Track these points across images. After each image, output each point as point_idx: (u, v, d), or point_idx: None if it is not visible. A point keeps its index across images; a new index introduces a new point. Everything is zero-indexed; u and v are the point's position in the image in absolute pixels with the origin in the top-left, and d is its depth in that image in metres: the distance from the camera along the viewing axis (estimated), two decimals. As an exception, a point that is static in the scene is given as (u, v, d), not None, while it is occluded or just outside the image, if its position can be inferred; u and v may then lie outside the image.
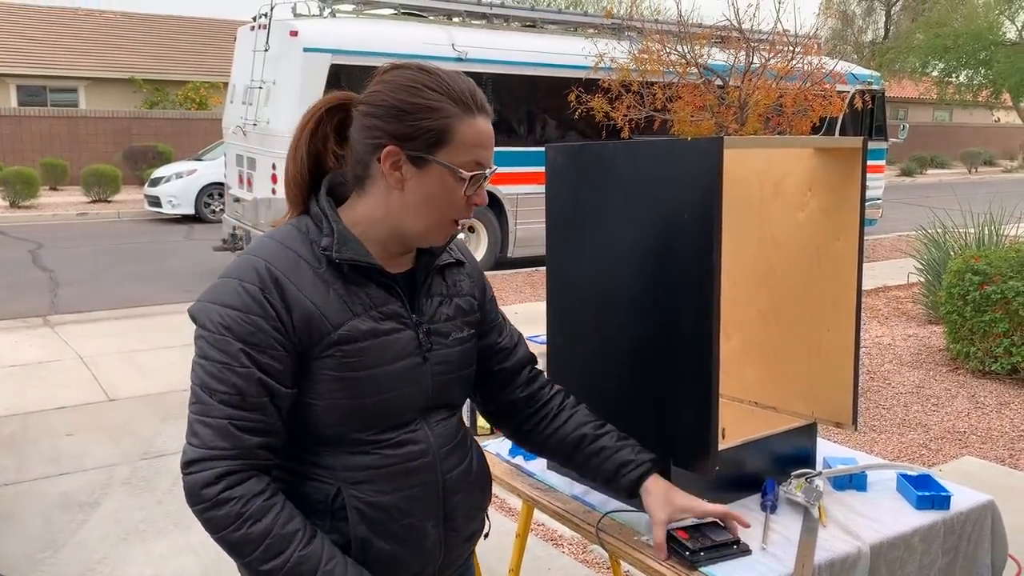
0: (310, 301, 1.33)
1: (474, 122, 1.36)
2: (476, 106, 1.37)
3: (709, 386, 1.78)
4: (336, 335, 1.34)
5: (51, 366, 6.39)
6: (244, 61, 9.88)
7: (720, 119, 8.03)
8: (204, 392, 1.30)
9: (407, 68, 1.38)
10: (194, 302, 1.36)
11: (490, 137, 1.40)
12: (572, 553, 3.60)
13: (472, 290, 1.58)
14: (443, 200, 1.37)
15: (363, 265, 1.37)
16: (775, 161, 2.22)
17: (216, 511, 1.29)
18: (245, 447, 1.30)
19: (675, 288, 1.82)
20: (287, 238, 1.38)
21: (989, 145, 35.98)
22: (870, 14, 36.79)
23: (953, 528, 1.95)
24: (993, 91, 28.19)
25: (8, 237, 13.58)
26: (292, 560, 1.29)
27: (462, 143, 1.35)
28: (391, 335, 1.39)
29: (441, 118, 1.34)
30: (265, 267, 1.33)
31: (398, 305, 1.41)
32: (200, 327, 1.33)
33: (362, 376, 1.35)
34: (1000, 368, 5.85)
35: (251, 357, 1.30)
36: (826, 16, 20.97)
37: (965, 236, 7.76)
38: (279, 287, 1.32)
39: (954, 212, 8.59)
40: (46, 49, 24.11)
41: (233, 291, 1.32)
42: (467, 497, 1.51)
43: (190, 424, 1.32)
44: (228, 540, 1.30)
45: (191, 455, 1.31)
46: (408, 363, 1.40)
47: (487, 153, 1.39)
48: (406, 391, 1.40)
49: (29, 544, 3.69)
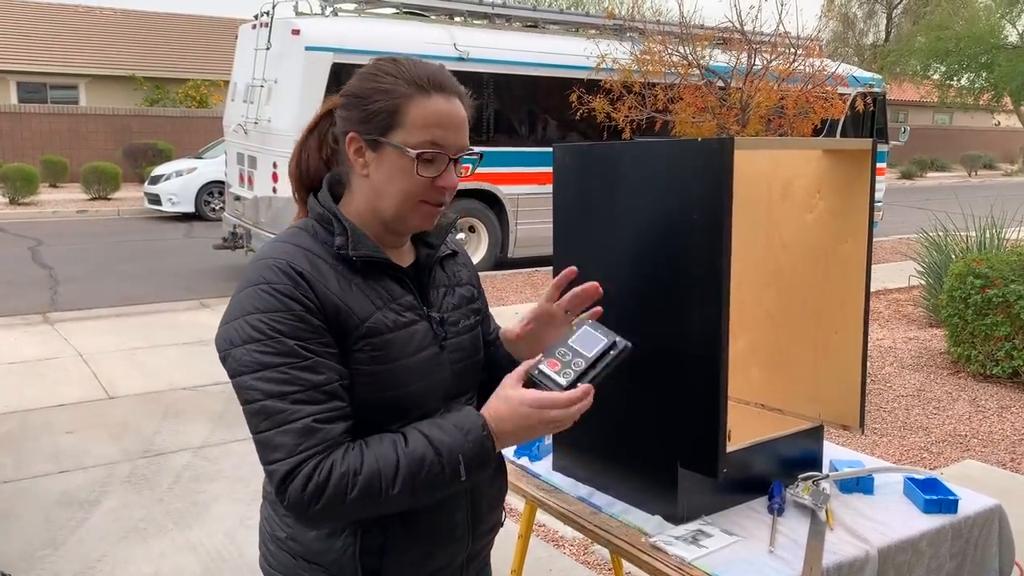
0: (336, 296, 1.33)
1: (428, 102, 1.34)
2: (433, 86, 1.35)
3: (717, 388, 1.77)
4: (364, 328, 1.34)
5: (51, 363, 6.37)
6: (246, 59, 9.87)
7: (722, 120, 8.02)
8: (274, 401, 1.25)
9: (379, 60, 1.40)
10: (218, 332, 1.32)
11: (449, 116, 1.36)
12: (573, 554, 3.59)
13: (471, 279, 1.60)
14: (404, 182, 1.36)
15: (377, 260, 1.38)
16: (783, 163, 2.21)
17: (328, 498, 1.23)
18: (332, 438, 1.26)
19: (684, 289, 1.81)
20: (297, 239, 1.38)
21: (989, 149, 36.01)
22: (871, 17, 36.80)
23: (961, 532, 1.95)
24: (994, 95, 28.19)
25: (8, 234, 13.56)
26: (404, 465, 1.25)
27: (414, 123, 1.34)
28: (411, 327, 1.39)
29: (392, 99, 1.34)
30: (287, 265, 1.32)
31: (412, 298, 1.42)
32: (242, 345, 1.27)
33: (390, 369, 1.36)
34: (1001, 372, 5.84)
35: (308, 348, 1.28)
36: (828, 18, 20.99)
37: (966, 239, 7.76)
38: (307, 281, 1.31)
39: (955, 215, 8.59)
40: (47, 46, 24.09)
41: (265, 297, 1.29)
42: (488, 485, 1.52)
43: (266, 444, 1.25)
44: (357, 503, 1.24)
45: (283, 470, 1.23)
46: (428, 353, 1.41)
47: (445, 132, 1.35)
48: (429, 381, 1.41)
49: (28, 542, 3.67)
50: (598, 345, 1.32)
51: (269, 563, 1.47)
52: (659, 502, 1.94)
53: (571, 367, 1.30)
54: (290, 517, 1.39)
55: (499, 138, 10.16)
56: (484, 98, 9.97)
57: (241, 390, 1.28)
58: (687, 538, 1.82)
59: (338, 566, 1.38)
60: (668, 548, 1.78)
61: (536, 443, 2.32)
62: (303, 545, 1.40)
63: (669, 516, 1.91)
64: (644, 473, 1.97)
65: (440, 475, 1.27)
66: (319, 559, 1.39)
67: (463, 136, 1.38)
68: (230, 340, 1.29)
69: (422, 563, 1.43)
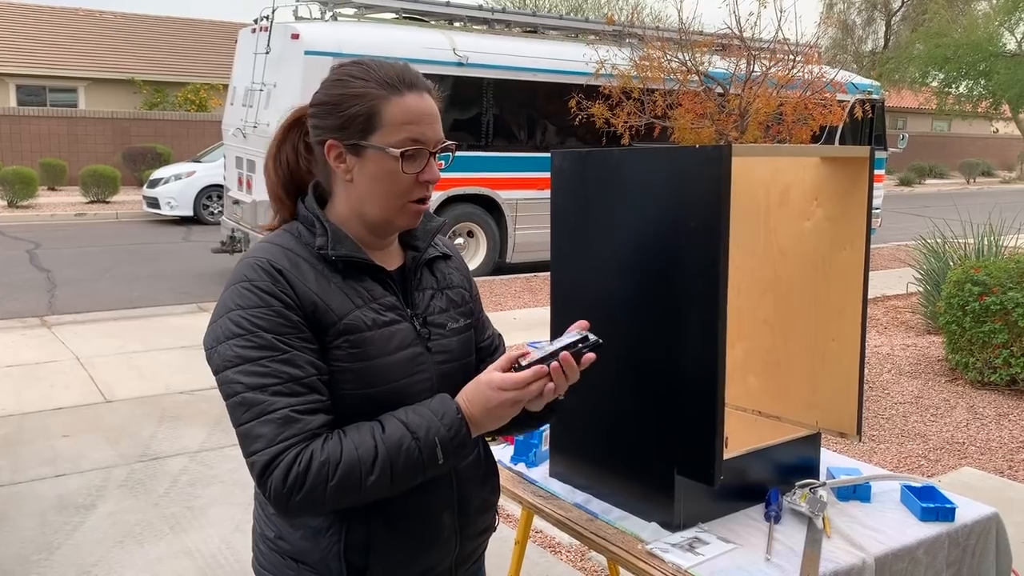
0: (315, 293, 1.36)
1: (401, 100, 1.37)
2: (404, 85, 1.38)
3: (714, 395, 1.77)
4: (342, 324, 1.36)
5: (48, 367, 6.36)
6: (245, 63, 9.88)
7: (720, 127, 8.04)
8: (254, 393, 1.28)
9: (342, 65, 1.43)
10: (205, 332, 1.36)
11: (424, 112, 1.39)
12: (570, 560, 3.58)
13: (462, 282, 1.60)
14: (390, 183, 1.38)
15: (358, 261, 1.41)
16: (781, 170, 2.21)
17: (309, 487, 1.25)
18: (311, 429, 1.28)
19: (681, 296, 1.81)
20: (281, 240, 1.43)
21: (987, 156, 36.08)
22: (870, 24, 36.87)
23: (958, 541, 1.94)
24: (992, 102, 28.24)
25: (6, 237, 13.54)
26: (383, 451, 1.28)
27: (391, 123, 1.36)
28: (392, 326, 1.41)
29: (367, 103, 1.37)
30: (267, 263, 1.36)
31: (394, 298, 1.44)
32: (225, 341, 1.32)
33: (369, 366, 1.38)
34: (999, 379, 5.84)
35: (287, 343, 1.31)
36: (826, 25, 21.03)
37: (964, 246, 7.76)
38: (285, 278, 1.35)
39: (953, 222, 8.60)
40: (46, 49, 24.10)
41: (245, 294, 1.34)
42: (478, 488, 1.53)
43: (247, 435, 1.28)
44: (337, 491, 1.26)
45: (263, 460, 1.26)
46: (410, 353, 1.42)
47: (422, 128, 1.38)
48: (411, 381, 1.42)
49: (24, 546, 3.66)
50: (569, 339, 1.37)
51: (260, 563, 1.49)
52: (656, 509, 1.93)
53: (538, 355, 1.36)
54: (277, 516, 1.43)
55: (498, 143, 10.16)
56: (483, 103, 9.98)
57: (223, 384, 1.32)
58: (683, 545, 1.82)
59: (324, 565, 1.40)
60: (664, 555, 1.78)
61: (533, 449, 2.31)
62: (291, 544, 1.43)
63: (666, 523, 1.91)
64: (641, 480, 1.97)
65: (419, 460, 1.30)
66: (306, 558, 1.41)
67: (438, 129, 1.41)
68: (215, 338, 1.34)
69: (408, 564, 1.44)
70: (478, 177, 10.00)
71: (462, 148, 9.70)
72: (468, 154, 9.78)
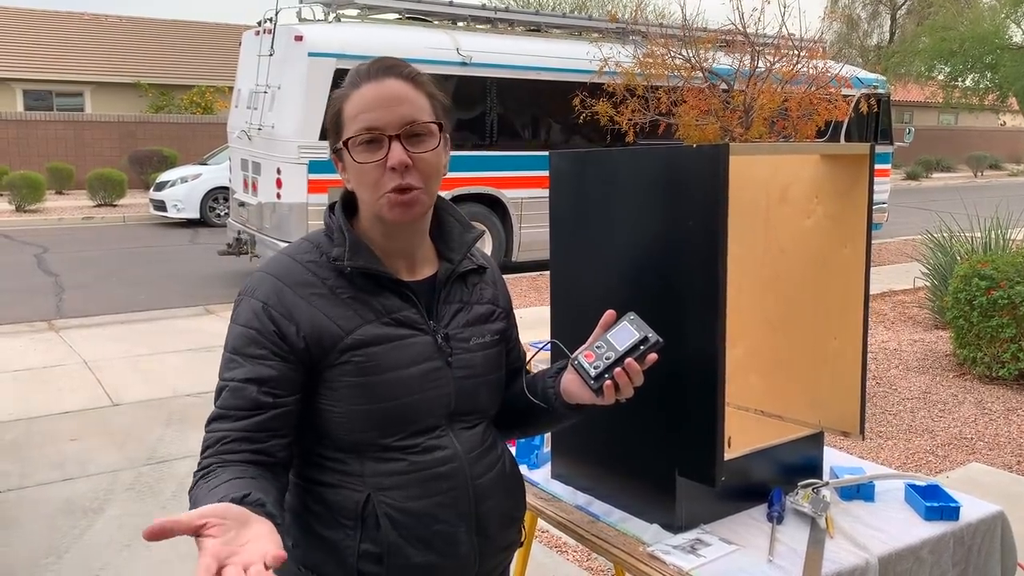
0: (320, 311, 1.36)
1: (357, 92, 1.37)
2: (364, 77, 1.37)
3: (715, 395, 1.77)
4: (348, 340, 1.36)
5: (55, 371, 6.39)
6: (249, 66, 9.89)
7: (725, 123, 8.01)
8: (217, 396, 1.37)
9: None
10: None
11: (377, 98, 1.35)
12: (577, 560, 3.58)
13: (495, 298, 1.57)
14: (365, 176, 1.37)
15: (375, 273, 1.39)
16: (781, 168, 2.20)
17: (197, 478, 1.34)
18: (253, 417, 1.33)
19: (681, 295, 1.81)
20: (298, 252, 1.43)
21: (995, 149, 35.88)
22: (875, 18, 36.73)
23: (963, 540, 1.93)
24: (999, 95, 28.06)
25: (14, 241, 13.60)
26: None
27: (350, 118, 1.37)
28: (406, 340, 1.40)
29: (335, 107, 1.40)
30: (273, 281, 1.39)
31: (413, 311, 1.42)
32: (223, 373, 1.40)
33: (378, 380, 1.37)
34: (1007, 374, 5.81)
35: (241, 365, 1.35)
36: (831, 20, 20.94)
37: (971, 241, 7.72)
38: (284, 299, 1.37)
39: (960, 216, 8.56)
40: (52, 54, 24.18)
41: (241, 308, 1.40)
42: (499, 504, 1.50)
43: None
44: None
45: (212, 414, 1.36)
46: (426, 367, 1.41)
47: (377, 113, 1.34)
48: (427, 395, 1.41)
49: (32, 550, 3.68)
50: (630, 339, 1.41)
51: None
52: (657, 510, 1.92)
53: (602, 359, 1.41)
54: (294, 525, 1.44)
55: (502, 142, 10.16)
56: (487, 102, 9.98)
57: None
58: (685, 547, 1.81)
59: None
60: (666, 557, 1.77)
61: (535, 451, 2.31)
62: (305, 553, 1.42)
63: (667, 525, 1.90)
64: (642, 481, 1.96)
65: None
66: (320, 568, 1.41)
67: (400, 110, 1.35)
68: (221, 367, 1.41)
69: None
70: (483, 176, 9.99)
71: (466, 148, 9.70)
72: (473, 154, 9.78)
